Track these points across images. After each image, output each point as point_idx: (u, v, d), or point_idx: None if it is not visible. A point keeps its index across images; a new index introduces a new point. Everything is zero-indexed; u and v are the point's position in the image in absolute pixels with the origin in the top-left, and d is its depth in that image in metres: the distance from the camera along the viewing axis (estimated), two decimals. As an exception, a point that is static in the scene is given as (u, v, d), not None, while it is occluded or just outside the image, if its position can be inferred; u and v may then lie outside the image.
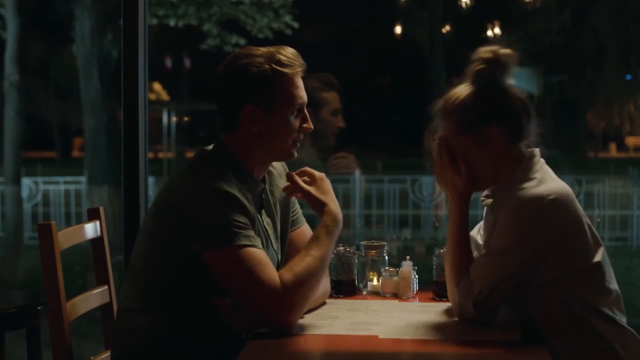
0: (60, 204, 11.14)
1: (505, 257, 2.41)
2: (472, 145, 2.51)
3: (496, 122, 2.49)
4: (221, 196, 2.37)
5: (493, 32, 11.61)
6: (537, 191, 2.42)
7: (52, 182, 11.39)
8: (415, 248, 8.77)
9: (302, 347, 2.31)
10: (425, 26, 13.68)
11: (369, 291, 2.92)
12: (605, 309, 2.47)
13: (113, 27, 10.20)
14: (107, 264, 2.96)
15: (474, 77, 2.54)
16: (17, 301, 3.48)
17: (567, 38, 13.59)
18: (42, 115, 15.67)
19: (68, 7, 10.11)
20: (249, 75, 2.47)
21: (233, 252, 2.34)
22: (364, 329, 2.43)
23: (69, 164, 16.27)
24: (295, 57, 2.51)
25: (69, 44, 12.04)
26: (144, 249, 2.49)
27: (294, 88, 2.51)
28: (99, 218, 2.96)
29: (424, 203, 10.95)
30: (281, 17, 10.88)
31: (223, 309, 2.37)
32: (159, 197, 2.49)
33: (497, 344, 2.30)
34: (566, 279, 2.43)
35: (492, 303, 2.45)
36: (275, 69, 2.47)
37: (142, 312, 2.46)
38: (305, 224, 2.80)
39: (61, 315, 2.57)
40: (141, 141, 3.43)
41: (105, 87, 9.72)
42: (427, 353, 2.27)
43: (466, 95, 2.52)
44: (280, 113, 2.50)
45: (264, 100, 2.48)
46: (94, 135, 9.91)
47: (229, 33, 11.07)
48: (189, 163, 2.51)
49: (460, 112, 2.51)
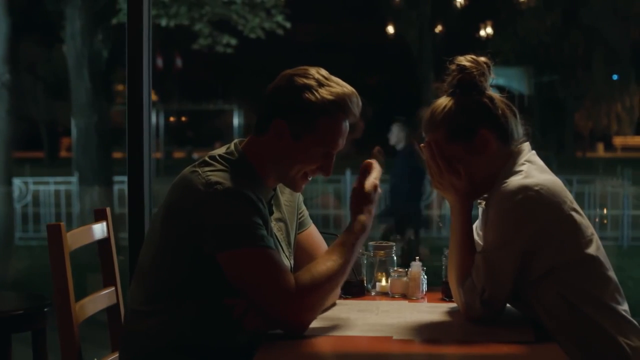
0: (50, 205, 11.10)
1: (499, 252, 2.43)
2: (464, 152, 2.54)
3: (484, 127, 2.52)
4: (235, 196, 2.34)
5: (486, 32, 11.63)
6: (521, 183, 2.43)
7: (42, 182, 11.35)
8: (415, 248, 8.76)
9: (317, 349, 2.30)
10: (414, 26, 13.70)
11: (377, 292, 2.91)
12: (606, 299, 2.48)
13: (103, 27, 10.17)
14: (114, 265, 2.95)
15: (455, 87, 2.57)
16: (23, 303, 3.45)
17: (557, 38, 13.64)
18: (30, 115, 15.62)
19: (58, 7, 10.07)
20: (298, 97, 2.41)
21: (248, 253, 2.31)
22: (378, 330, 2.42)
23: (56, 164, 16.24)
24: (354, 105, 2.44)
25: (57, 44, 12.00)
26: (153, 250, 2.45)
27: (333, 132, 2.44)
28: (105, 219, 2.94)
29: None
30: (273, 16, 10.86)
31: (236, 309, 2.36)
32: (169, 198, 2.44)
33: (512, 344, 2.29)
34: (561, 271, 2.44)
35: (497, 300, 2.46)
36: (325, 105, 2.40)
37: (151, 315, 2.43)
38: (312, 225, 2.78)
39: (70, 317, 2.55)
40: (146, 141, 3.42)
41: (95, 87, 9.69)
42: (442, 354, 2.27)
43: (451, 105, 2.55)
44: (306, 145, 2.44)
45: (298, 126, 2.42)
46: (84, 135, 9.88)
47: (221, 33, 11.05)
48: (200, 164, 2.46)
49: (448, 122, 2.54)
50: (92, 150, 9.83)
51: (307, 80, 2.42)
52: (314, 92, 2.41)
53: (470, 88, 2.55)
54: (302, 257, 2.68)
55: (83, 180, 10.16)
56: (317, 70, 2.46)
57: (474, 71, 2.55)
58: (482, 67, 2.56)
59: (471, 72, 2.55)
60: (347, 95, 2.43)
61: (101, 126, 9.91)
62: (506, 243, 2.42)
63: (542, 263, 2.43)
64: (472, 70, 2.55)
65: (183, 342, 2.41)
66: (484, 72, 2.56)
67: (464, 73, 2.55)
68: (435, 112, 2.56)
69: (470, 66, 2.55)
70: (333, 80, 2.45)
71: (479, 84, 2.55)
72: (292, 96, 2.42)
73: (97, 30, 9.95)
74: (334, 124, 2.44)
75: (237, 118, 19.27)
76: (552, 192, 2.44)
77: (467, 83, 2.55)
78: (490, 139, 2.52)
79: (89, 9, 9.71)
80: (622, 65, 14.69)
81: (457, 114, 2.53)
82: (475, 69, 2.55)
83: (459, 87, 2.56)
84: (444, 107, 2.55)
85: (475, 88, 2.55)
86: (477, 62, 2.57)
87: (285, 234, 2.62)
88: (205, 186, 2.35)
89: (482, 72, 2.56)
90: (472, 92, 2.55)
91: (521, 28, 13.32)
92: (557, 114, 15.58)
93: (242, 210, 2.33)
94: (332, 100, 2.41)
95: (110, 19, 10.33)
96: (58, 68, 12.46)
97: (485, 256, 2.45)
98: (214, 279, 2.36)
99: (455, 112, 2.53)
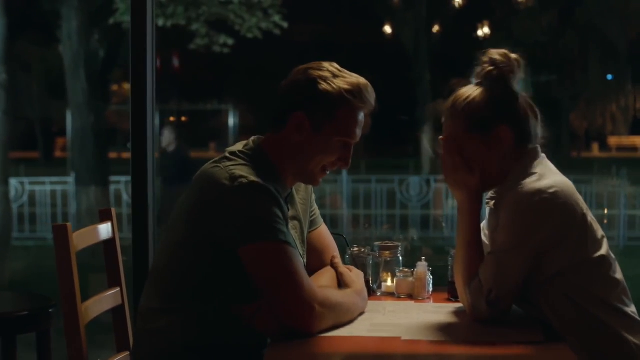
0: (46, 205, 11.07)
1: (510, 254, 2.42)
2: (479, 144, 2.53)
3: (505, 124, 2.51)
4: (260, 190, 2.34)
5: (483, 32, 11.63)
6: (536, 185, 2.44)
7: (38, 182, 11.31)
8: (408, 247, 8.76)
9: (326, 349, 2.30)
10: (410, 26, 13.70)
11: (383, 292, 2.90)
12: (613, 300, 2.48)
13: (100, 27, 10.15)
14: (119, 265, 2.94)
15: (483, 78, 2.56)
16: (28, 304, 3.42)
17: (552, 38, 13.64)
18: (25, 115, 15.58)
19: (55, 6, 10.04)
20: (315, 88, 2.44)
21: (271, 247, 2.31)
22: (385, 330, 2.41)
23: (52, 164, 16.18)
24: (368, 93, 2.48)
25: (53, 44, 11.97)
26: (172, 248, 2.45)
27: (352, 121, 2.48)
28: (110, 219, 2.93)
29: (411, 203, 10.96)
30: (270, 16, 10.85)
31: (247, 309, 2.35)
32: (191, 193, 2.44)
33: (523, 344, 2.30)
34: (571, 273, 2.45)
35: (504, 301, 2.45)
36: (342, 94, 2.44)
37: (166, 314, 2.43)
38: (323, 224, 2.78)
39: (77, 318, 2.55)
40: (149, 141, 3.41)
41: (91, 87, 9.67)
42: (452, 355, 2.27)
43: (476, 96, 2.54)
44: (327, 136, 2.47)
45: (318, 117, 2.45)
46: (80, 135, 9.86)
47: (218, 33, 11.03)
48: (221, 159, 2.46)
49: (470, 112, 2.53)
50: (89, 150, 9.82)
51: (322, 72, 2.46)
52: (331, 83, 2.44)
53: (497, 82, 2.55)
54: (311, 256, 2.69)
55: (80, 180, 10.14)
56: (330, 64, 2.50)
57: (503, 66, 2.54)
58: (513, 63, 2.56)
59: (501, 67, 2.54)
60: (362, 85, 2.47)
61: (97, 126, 9.89)
62: (519, 245, 2.41)
63: (551, 265, 2.43)
64: (502, 65, 2.55)
65: (198, 342, 2.41)
66: (513, 69, 2.55)
67: (493, 66, 2.55)
68: (459, 100, 2.56)
69: (501, 60, 2.55)
70: (347, 72, 2.49)
71: (506, 79, 2.55)
72: (310, 88, 2.45)
73: (93, 30, 9.94)
74: (353, 113, 2.47)
75: (232, 118, 19.28)
76: (567, 194, 2.44)
77: (494, 76, 2.55)
78: (507, 136, 2.52)
79: (86, 9, 9.69)
80: (617, 66, 14.69)
81: (480, 105, 2.53)
82: (505, 64, 2.55)
83: (486, 80, 2.56)
84: (468, 97, 2.55)
85: (502, 83, 2.55)
86: (509, 57, 2.56)
87: (300, 232, 2.62)
88: (230, 180, 2.35)
89: (512, 69, 2.55)
90: (498, 86, 2.55)
91: (517, 28, 13.33)
92: (553, 114, 15.60)
93: (266, 204, 2.33)
94: (349, 89, 2.45)
95: (106, 18, 10.30)
96: (53, 68, 12.43)
97: (496, 257, 2.44)
98: (231, 279, 2.37)
99: (479, 103, 2.53)
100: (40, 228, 11.02)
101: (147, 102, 3.42)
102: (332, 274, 2.66)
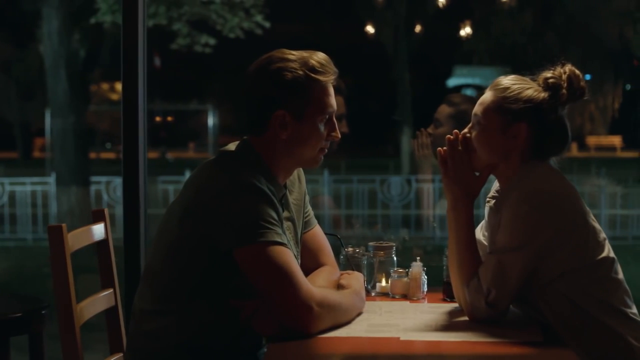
0: (27, 205, 11.00)
1: (511, 255, 2.42)
2: (497, 126, 2.52)
3: (529, 126, 2.51)
4: (256, 192, 2.33)
5: (465, 32, 11.67)
6: (539, 187, 2.44)
7: (18, 182, 11.25)
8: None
9: (325, 349, 2.29)
10: (390, 26, 13.72)
11: (377, 292, 2.89)
12: (615, 302, 2.48)
13: (80, 27, 10.11)
14: (113, 266, 2.91)
15: (547, 85, 2.55)
16: (20, 306, 3.38)
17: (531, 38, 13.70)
18: (2, 115, 15.50)
19: (35, 6, 9.99)
20: (283, 81, 2.42)
21: (267, 248, 2.30)
22: (383, 330, 2.41)
23: (30, 164, 16.10)
24: (328, 63, 2.48)
25: (31, 44, 11.91)
26: (166, 249, 2.43)
27: (326, 96, 2.48)
28: (103, 220, 2.91)
29: (392, 203, 10.98)
30: (252, 16, 10.84)
31: (244, 311, 2.34)
32: (186, 194, 2.43)
33: (522, 344, 2.30)
34: (573, 275, 2.44)
35: (503, 302, 2.45)
36: (309, 75, 2.43)
37: (161, 315, 2.41)
38: (317, 225, 2.77)
39: (72, 319, 2.52)
40: (141, 141, 3.39)
41: (72, 87, 9.63)
42: (452, 355, 2.27)
43: (532, 92, 2.53)
44: (311, 120, 2.47)
45: (296, 106, 2.44)
46: (61, 135, 9.82)
47: (199, 33, 11.01)
48: (214, 161, 2.47)
49: (513, 96, 2.52)
50: (70, 151, 9.78)
51: (278, 63, 2.44)
52: (294, 70, 2.42)
53: (557, 101, 2.53)
54: (306, 257, 2.68)
55: (60, 181, 10.10)
56: (277, 52, 2.49)
57: (572, 88, 2.53)
58: (580, 91, 2.54)
59: (570, 87, 2.53)
60: (320, 59, 2.47)
61: (78, 126, 9.85)
62: (520, 246, 2.41)
63: (553, 267, 2.43)
64: (571, 86, 2.53)
65: (193, 343, 2.39)
66: (576, 95, 2.53)
67: (565, 82, 2.52)
68: (515, 82, 2.54)
69: (575, 83, 2.53)
70: (297, 53, 2.48)
71: (563, 102, 2.53)
72: (278, 82, 2.43)
73: (74, 30, 9.89)
74: (324, 88, 2.47)
75: (211, 118, 19.20)
76: (569, 197, 2.45)
77: (561, 98, 2.52)
78: (522, 137, 2.51)
79: (66, 9, 9.65)
80: (595, 66, 14.77)
81: (526, 100, 2.51)
82: (576, 87, 2.53)
83: (549, 89, 2.54)
84: (524, 88, 2.53)
85: (558, 105, 2.53)
86: (580, 83, 2.54)
87: (294, 233, 2.61)
88: (225, 181, 2.34)
89: (575, 94, 2.53)
90: (554, 105, 2.52)
91: (496, 28, 13.38)
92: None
93: (262, 205, 2.33)
94: (312, 67, 2.44)
95: (87, 18, 10.26)
96: (31, 68, 12.37)
97: (497, 257, 2.44)
98: (226, 280, 2.36)
99: (527, 98, 2.51)
100: (20, 229, 10.95)
101: (138, 101, 3.40)
102: (327, 274, 2.65)
